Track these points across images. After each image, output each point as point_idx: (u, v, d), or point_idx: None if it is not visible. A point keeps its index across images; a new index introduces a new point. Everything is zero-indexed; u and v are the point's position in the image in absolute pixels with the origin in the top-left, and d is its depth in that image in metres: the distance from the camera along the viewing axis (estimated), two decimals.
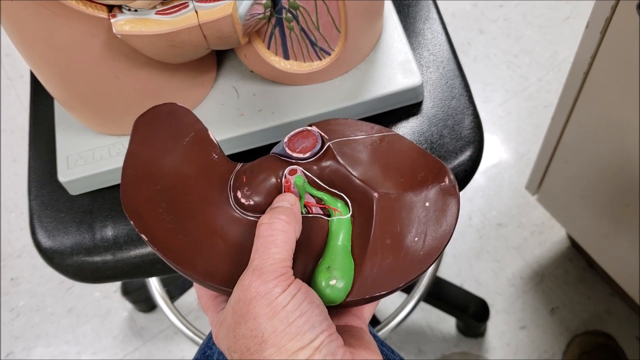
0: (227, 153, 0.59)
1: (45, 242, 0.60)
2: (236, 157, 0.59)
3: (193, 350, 1.19)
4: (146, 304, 1.22)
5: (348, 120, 0.46)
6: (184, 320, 1.08)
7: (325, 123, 0.46)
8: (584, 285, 1.19)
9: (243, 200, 0.42)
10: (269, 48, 0.56)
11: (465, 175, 0.60)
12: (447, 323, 1.18)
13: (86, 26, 0.48)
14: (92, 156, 0.59)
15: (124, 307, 1.24)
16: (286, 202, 0.41)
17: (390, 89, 0.58)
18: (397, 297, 1.19)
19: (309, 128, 0.44)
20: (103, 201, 0.60)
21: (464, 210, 1.27)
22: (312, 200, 0.43)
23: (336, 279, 0.39)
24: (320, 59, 0.57)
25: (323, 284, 0.39)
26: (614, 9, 0.67)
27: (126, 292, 1.19)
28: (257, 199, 0.42)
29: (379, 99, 0.58)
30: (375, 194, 0.42)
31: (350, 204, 0.43)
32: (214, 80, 0.61)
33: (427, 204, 0.42)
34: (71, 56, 0.50)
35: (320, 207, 0.43)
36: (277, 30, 0.54)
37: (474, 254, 1.24)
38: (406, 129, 0.60)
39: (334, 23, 0.54)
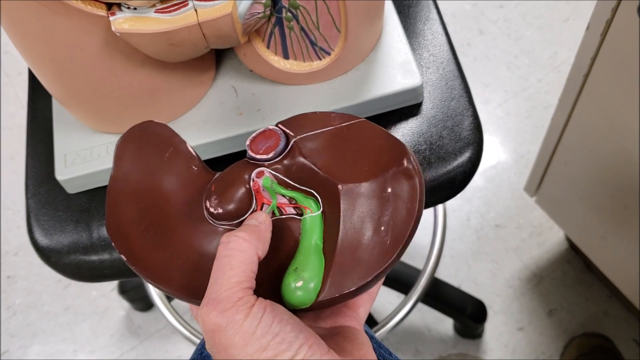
0: (224, 153, 0.59)
1: (42, 240, 0.59)
2: (235, 158, 0.59)
3: (190, 349, 1.19)
4: (143, 302, 1.22)
5: (316, 113, 0.45)
6: (181, 319, 1.07)
7: (293, 119, 0.45)
8: (582, 287, 1.19)
9: (212, 210, 0.41)
10: (268, 47, 0.56)
11: (464, 176, 0.59)
12: (444, 324, 1.18)
13: (85, 24, 0.48)
14: (90, 154, 0.58)
15: (121, 306, 1.24)
16: (254, 220, 0.40)
17: (390, 89, 0.58)
18: (395, 298, 1.19)
19: (270, 127, 0.44)
20: (100, 200, 0.60)
21: (462, 211, 1.27)
22: (285, 200, 0.43)
23: (303, 279, 0.39)
24: (320, 59, 0.57)
25: (292, 286, 0.39)
26: (614, 11, 0.67)
27: (123, 290, 1.19)
28: (227, 206, 0.41)
29: (379, 99, 0.58)
30: (340, 187, 0.41)
31: (320, 200, 0.42)
32: (213, 80, 0.60)
33: (389, 190, 0.41)
34: (69, 54, 0.50)
35: (293, 207, 0.43)
36: (277, 30, 0.54)
37: (472, 255, 1.24)
38: (405, 129, 0.60)
39: (334, 23, 0.53)
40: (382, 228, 0.40)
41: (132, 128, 0.45)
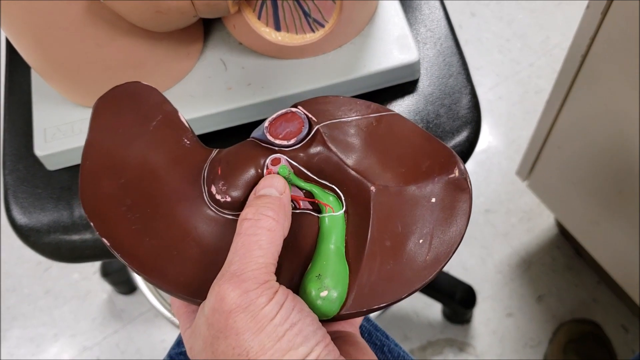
0: (213, 129, 0.56)
1: (21, 219, 0.57)
2: (223, 134, 0.57)
3: (174, 333, 1.17)
4: (126, 285, 1.19)
5: (339, 98, 0.40)
6: (165, 302, 1.05)
7: (312, 102, 0.40)
8: (571, 273, 1.18)
9: (218, 197, 0.37)
10: (259, 18, 0.54)
11: (461, 156, 0.57)
12: (433, 309, 1.17)
13: None
14: (71, 129, 0.56)
15: (104, 289, 1.22)
16: (274, 189, 0.35)
17: (386, 64, 0.56)
18: None
19: (293, 110, 0.39)
20: None
21: None
22: (300, 194, 0.38)
23: (328, 289, 0.35)
24: (314, 31, 0.54)
25: (313, 294, 0.35)
26: None
27: (106, 273, 1.16)
28: (234, 194, 0.37)
29: (374, 75, 0.56)
30: (373, 187, 0.37)
31: (343, 198, 0.38)
32: (201, 52, 0.58)
33: (433, 199, 0.37)
34: (49, 21, 0.47)
35: (309, 202, 0.38)
36: (269, 0, 0.52)
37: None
38: (402, 107, 0.58)
39: None
40: (421, 241, 0.36)
41: (113, 88, 0.40)
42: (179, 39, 0.54)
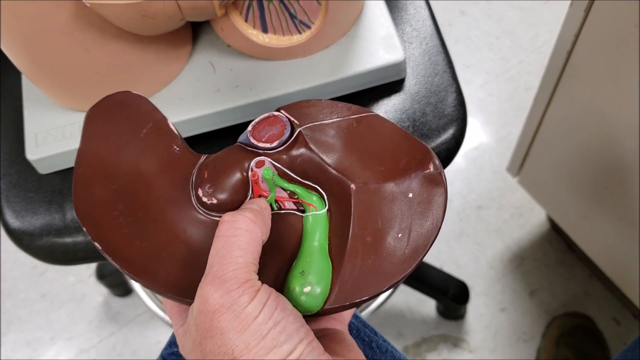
0: (202, 131, 0.57)
1: (14, 222, 0.57)
2: (212, 136, 0.57)
3: (170, 334, 1.17)
4: (122, 288, 1.20)
5: (321, 101, 0.42)
6: (161, 304, 1.06)
7: (295, 106, 0.41)
8: (563, 268, 1.19)
9: (205, 199, 0.38)
10: (246, 21, 0.54)
11: (448, 154, 0.58)
12: (426, 305, 1.18)
13: None
14: (62, 133, 0.56)
15: (99, 292, 1.22)
16: (256, 205, 0.37)
17: (372, 64, 0.56)
18: None
19: (275, 113, 0.40)
20: None
21: None
22: (284, 194, 0.40)
23: (311, 284, 0.36)
24: (300, 33, 0.55)
25: (297, 290, 0.36)
26: None
27: (101, 276, 1.17)
28: (221, 196, 0.38)
29: (361, 75, 0.56)
30: (353, 186, 0.38)
31: (325, 197, 0.39)
32: (189, 55, 0.58)
33: (410, 195, 0.38)
34: (38, 26, 0.48)
35: (293, 202, 0.40)
36: (255, 2, 0.52)
37: (454, 237, 1.23)
38: (388, 106, 0.59)
39: None
40: (400, 235, 0.37)
41: (105, 98, 0.41)
42: (167, 43, 0.55)
